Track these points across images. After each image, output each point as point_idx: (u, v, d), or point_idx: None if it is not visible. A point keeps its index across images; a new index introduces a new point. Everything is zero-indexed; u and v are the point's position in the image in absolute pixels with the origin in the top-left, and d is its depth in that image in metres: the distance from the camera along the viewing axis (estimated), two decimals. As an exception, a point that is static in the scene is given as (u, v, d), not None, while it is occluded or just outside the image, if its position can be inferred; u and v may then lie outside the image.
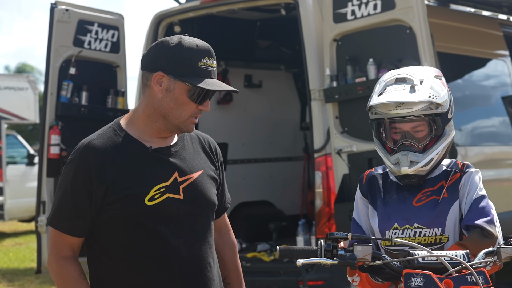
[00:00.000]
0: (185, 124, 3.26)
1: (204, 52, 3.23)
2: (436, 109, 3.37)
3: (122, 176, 3.20)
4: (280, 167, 10.16)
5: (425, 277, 2.95)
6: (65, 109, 7.84)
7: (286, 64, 10.18)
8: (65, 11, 7.83)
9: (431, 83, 3.40)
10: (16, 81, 16.74)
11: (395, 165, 3.42)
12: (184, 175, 3.30)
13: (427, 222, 3.39)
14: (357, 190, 3.63)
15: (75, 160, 3.24)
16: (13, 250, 14.29)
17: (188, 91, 3.21)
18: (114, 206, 3.20)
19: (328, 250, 3.04)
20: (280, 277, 7.66)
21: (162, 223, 3.24)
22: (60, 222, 3.24)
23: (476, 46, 8.99)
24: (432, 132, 3.40)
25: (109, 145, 3.23)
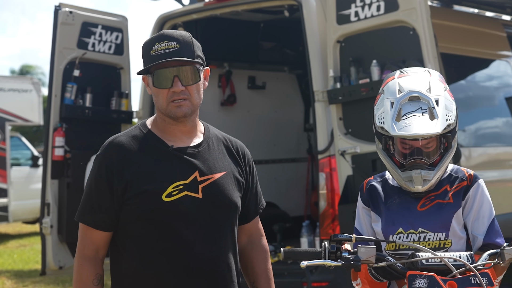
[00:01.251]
0: (168, 110, 3.37)
1: (154, 39, 3.37)
2: (449, 127, 3.34)
3: (142, 173, 3.31)
4: (284, 169, 10.16)
5: (429, 278, 2.96)
6: (69, 111, 7.86)
7: (289, 66, 10.19)
8: (69, 13, 7.85)
9: (445, 101, 3.36)
10: (20, 83, 16.74)
11: (407, 182, 3.38)
12: (204, 175, 3.37)
13: (431, 227, 3.38)
14: (358, 200, 3.61)
15: (99, 156, 3.39)
16: (17, 252, 14.30)
17: (152, 81, 3.37)
18: (132, 201, 3.31)
19: (332, 252, 3.05)
20: (285, 278, 7.65)
21: (178, 220, 3.31)
22: (85, 216, 3.38)
23: (480, 47, 8.98)
24: (441, 147, 3.38)
25: (132, 142, 3.38)
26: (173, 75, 3.32)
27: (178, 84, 3.33)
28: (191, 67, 3.35)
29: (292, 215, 9.80)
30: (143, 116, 8.33)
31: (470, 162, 7.99)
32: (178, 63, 3.33)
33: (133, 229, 3.34)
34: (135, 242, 3.34)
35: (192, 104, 3.38)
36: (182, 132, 3.43)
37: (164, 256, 3.32)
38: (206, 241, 3.35)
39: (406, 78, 3.45)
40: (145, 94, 8.35)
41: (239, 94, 9.82)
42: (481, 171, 7.96)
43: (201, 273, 3.35)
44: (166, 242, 3.32)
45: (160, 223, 3.31)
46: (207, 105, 9.22)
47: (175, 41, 3.34)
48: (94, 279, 3.34)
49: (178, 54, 3.33)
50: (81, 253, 3.38)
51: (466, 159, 7.84)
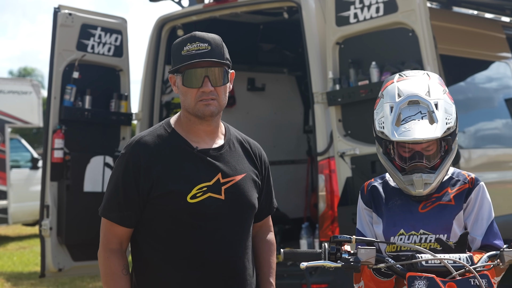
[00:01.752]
0: (196, 109, 3.43)
1: (186, 40, 3.44)
2: (449, 130, 3.34)
3: (167, 173, 3.38)
4: (283, 170, 10.15)
5: (429, 280, 2.96)
6: (69, 113, 7.85)
7: (289, 67, 10.20)
8: (68, 15, 7.85)
9: (444, 105, 3.35)
10: (19, 85, 16.74)
11: (408, 186, 3.38)
12: (227, 177, 3.45)
13: (433, 229, 3.38)
14: (359, 201, 3.61)
15: (126, 154, 3.45)
16: (17, 254, 14.30)
17: (181, 80, 3.44)
18: (157, 201, 3.38)
19: (332, 253, 3.05)
20: (284, 280, 7.64)
21: (201, 221, 3.39)
22: (111, 212, 3.44)
23: (479, 48, 8.99)
24: (441, 151, 3.38)
25: (158, 142, 3.44)
26: (204, 75, 3.39)
27: (208, 84, 3.39)
28: (220, 68, 3.42)
29: (292, 217, 9.80)
30: (142, 118, 8.33)
31: (469, 164, 8.00)
32: (209, 64, 3.40)
33: (157, 228, 3.43)
34: (158, 241, 3.42)
35: (220, 104, 3.45)
36: (205, 132, 3.50)
37: (186, 256, 3.40)
38: (228, 241, 3.44)
39: (405, 82, 3.45)
40: (144, 96, 8.36)
41: (239, 96, 9.83)
42: (480, 172, 7.97)
43: (221, 273, 3.42)
44: (189, 242, 3.40)
45: (184, 224, 3.39)
46: (206, 107, 9.20)
47: (206, 43, 3.41)
48: (123, 269, 3.43)
49: (209, 55, 3.40)
50: (106, 247, 3.45)
51: (465, 160, 7.85)
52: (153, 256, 3.43)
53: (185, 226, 3.39)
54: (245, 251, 3.50)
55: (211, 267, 3.40)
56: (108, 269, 3.43)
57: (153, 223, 3.43)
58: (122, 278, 3.42)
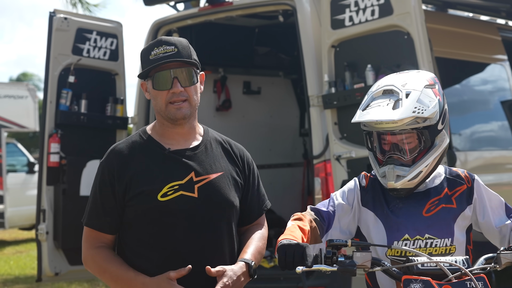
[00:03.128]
0: (168, 111, 3.48)
1: (152, 45, 3.51)
2: (423, 122, 3.31)
3: (139, 175, 3.44)
4: (279, 174, 10.14)
5: (424, 283, 2.96)
6: (65, 117, 7.85)
7: (284, 71, 10.18)
8: (64, 20, 7.85)
9: (419, 96, 3.32)
10: (15, 89, 16.74)
11: (382, 178, 3.39)
12: (200, 175, 3.48)
13: (438, 233, 3.36)
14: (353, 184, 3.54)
15: (102, 163, 3.54)
16: (14, 258, 14.28)
17: (151, 84, 3.49)
18: (131, 203, 3.43)
19: (328, 257, 3.04)
20: (281, 283, 7.66)
21: (174, 219, 3.42)
22: (91, 220, 3.50)
23: (475, 51, 9.00)
24: (421, 144, 3.35)
25: (131, 147, 3.51)
26: (173, 77, 3.45)
27: (177, 85, 3.45)
28: (189, 69, 3.48)
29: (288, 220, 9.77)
30: (138, 122, 8.32)
31: (465, 166, 7.99)
32: (176, 64, 3.46)
33: (133, 229, 3.48)
34: (136, 242, 3.47)
35: (191, 105, 3.49)
36: (180, 135, 3.54)
37: (162, 255, 3.43)
38: (202, 239, 3.45)
39: (391, 76, 3.49)
40: (140, 100, 8.34)
41: (234, 99, 9.82)
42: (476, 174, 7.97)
43: (197, 271, 3.42)
44: (163, 241, 3.43)
45: (157, 223, 3.43)
46: (202, 110, 9.17)
47: (172, 45, 3.47)
48: (114, 254, 3.49)
49: (176, 56, 3.46)
50: (90, 248, 3.48)
51: (461, 163, 7.84)
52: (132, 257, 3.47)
53: (159, 225, 3.42)
54: (223, 248, 3.50)
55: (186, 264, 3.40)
56: (99, 262, 3.45)
57: (129, 225, 3.47)
58: (116, 259, 3.46)
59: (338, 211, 3.47)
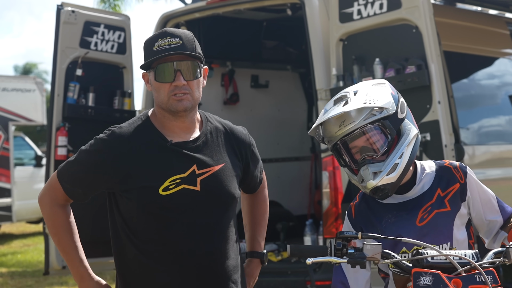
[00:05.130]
0: (169, 104, 3.43)
1: (157, 36, 3.45)
2: (380, 113, 3.27)
3: (140, 167, 3.38)
4: (287, 167, 10.14)
5: (434, 276, 2.94)
6: (72, 110, 7.85)
7: (292, 64, 10.17)
8: (72, 13, 7.84)
9: (367, 91, 3.31)
10: (23, 82, 16.75)
11: (361, 183, 3.34)
12: (202, 168, 3.44)
13: (435, 240, 3.33)
14: (346, 223, 3.53)
15: (100, 140, 3.45)
16: (21, 252, 14.32)
17: (154, 75, 3.43)
18: (130, 195, 3.38)
19: (338, 248, 3.03)
20: (288, 277, 7.65)
21: (177, 213, 3.39)
22: (64, 181, 3.46)
23: (483, 45, 8.97)
24: (388, 137, 3.31)
25: (134, 135, 3.44)
26: (176, 69, 3.40)
27: (180, 78, 3.40)
28: (193, 62, 3.43)
29: (296, 213, 9.79)
30: (146, 116, 8.30)
31: (473, 160, 7.98)
32: (180, 57, 3.41)
33: (135, 223, 3.43)
34: (137, 236, 3.42)
35: (193, 99, 3.44)
36: (180, 128, 3.50)
37: (164, 249, 3.40)
38: (205, 232, 3.43)
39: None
40: (147, 93, 8.34)
41: (242, 93, 9.81)
42: (484, 169, 7.96)
43: (200, 265, 3.42)
44: (166, 235, 3.40)
45: (159, 217, 3.39)
46: (210, 104, 9.21)
47: (177, 38, 3.41)
48: (70, 222, 3.49)
49: (181, 49, 3.40)
50: (53, 201, 3.49)
51: (469, 157, 7.82)
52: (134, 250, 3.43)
53: (160, 219, 3.39)
54: (226, 241, 3.49)
55: (191, 259, 3.40)
56: (56, 222, 3.50)
57: (131, 219, 3.43)
58: (70, 229, 3.48)
59: None
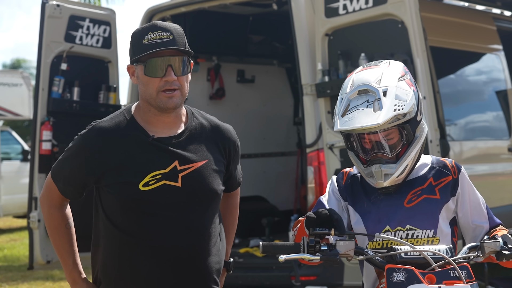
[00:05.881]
0: (159, 100, 3.39)
1: (146, 29, 3.41)
2: (404, 117, 3.25)
3: (121, 162, 3.37)
4: (273, 162, 10.13)
5: (408, 272, 2.93)
6: (57, 104, 7.82)
7: (279, 59, 10.15)
8: (56, 7, 7.80)
9: (395, 91, 3.25)
10: (10, 77, 16.69)
11: (370, 178, 3.32)
12: (184, 164, 3.41)
13: (420, 224, 3.31)
14: (331, 184, 3.51)
15: (82, 136, 3.47)
16: (8, 246, 14.26)
17: (143, 69, 3.39)
18: (111, 189, 3.38)
19: (311, 245, 3.01)
20: (273, 272, 7.64)
21: (157, 209, 3.37)
22: (58, 180, 3.51)
23: (470, 40, 8.97)
24: (403, 139, 3.29)
25: (116, 130, 3.43)
26: (167, 65, 3.36)
27: (171, 73, 3.36)
28: (183, 57, 3.40)
29: (282, 209, 9.78)
30: (131, 110, 8.28)
31: (460, 156, 7.98)
32: (172, 52, 3.37)
33: (115, 217, 3.42)
34: (117, 230, 3.41)
35: (182, 95, 3.42)
36: (165, 123, 3.47)
37: (145, 243, 3.38)
38: (186, 228, 3.40)
39: (361, 72, 3.38)
40: (133, 87, 8.31)
41: (228, 87, 9.79)
42: (471, 164, 7.96)
43: (181, 261, 3.40)
44: (146, 230, 3.38)
45: (139, 212, 3.38)
46: (196, 99, 9.18)
47: (168, 32, 3.38)
48: (66, 223, 3.55)
49: (172, 44, 3.37)
50: (50, 202, 3.55)
51: (456, 152, 7.83)
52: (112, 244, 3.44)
53: (141, 214, 3.38)
54: (208, 238, 3.47)
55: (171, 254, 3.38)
56: (52, 224, 3.55)
57: (111, 213, 3.43)
58: (66, 232, 3.53)
59: None
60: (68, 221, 3.55)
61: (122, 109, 3.55)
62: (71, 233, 3.54)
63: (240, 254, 8.04)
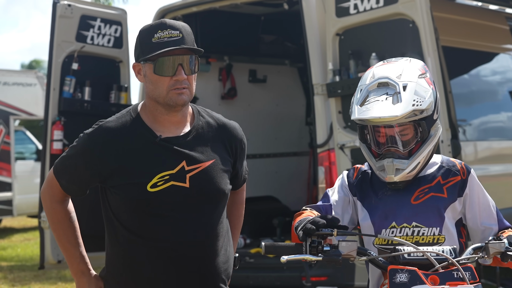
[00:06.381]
0: (168, 98, 3.36)
1: (156, 27, 3.38)
2: (421, 114, 3.26)
3: (128, 163, 3.35)
4: (285, 162, 10.11)
5: (410, 273, 2.91)
6: (68, 104, 7.83)
7: (291, 59, 10.13)
8: (68, 7, 7.81)
9: (415, 87, 3.27)
10: (24, 77, 16.73)
11: (380, 172, 3.32)
12: (192, 164, 3.39)
13: (426, 221, 3.30)
14: (342, 179, 3.52)
15: (88, 134, 3.42)
16: (21, 246, 14.30)
17: (152, 68, 3.35)
18: (119, 190, 3.35)
19: (313, 246, 2.99)
20: (284, 272, 7.63)
21: (165, 210, 3.35)
22: (61, 177, 3.47)
23: (483, 40, 8.93)
24: (418, 136, 3.29)
25: (122, 130, 3.39)
26: (178, 63, 3.34)
27: (181, 72, 3.35)
28: (193, 56, 3.39)
29: (294, 209, 9.73)
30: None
31: (473, 156, 7.96)
32: (181, 51, 3.36)
33: (124, 217, 3.40)
34: (127, 229, 3.39)
35: (191, 93, 3.41)
36: (171, 123, 3.44)
37: (152, 244, 3.37)
38: (194, 230, 3.39)
39: (382, 67, 3.40)
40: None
41: (240, 87, 9.78)
42: (485, 165, 7.93)
43: (188, 262, 3.39)
44: (154, 231, 3.36)
45: (147, 213, 3.36)
46: (207, 99, 9.18)
47: (177, 30, 3.36)
48: (70, 218, 3.51)
49: (182, 43, 3.35)
50: (52, 198, 3.51)
51: (469, 152, 7.80)
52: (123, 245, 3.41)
53: (149, 215, 3.36)
54: (216, 238, 3.46)
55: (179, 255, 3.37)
56: (55, 218, 3.52)
57: (120, 214, 3.41)
58: (70, 225, 3.51)
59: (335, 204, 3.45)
60: (71, 214, 3.51)
61: (129, 108, 3.52)
62: (75, 226, 3.51)
63: (251, 254, 8.02)
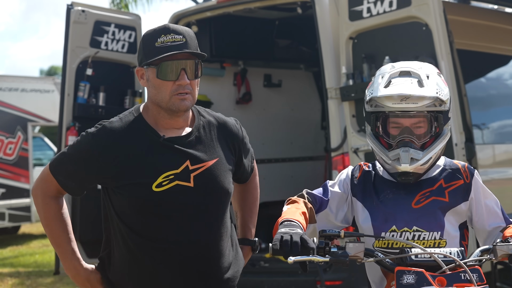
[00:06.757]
0: (171, 103, 3.37)
1: (159, 31, 3.38)
2: (440, 106, 3.25)
3: (132, 163, 3.35)
4: (301, 167, 10.10)
5: (417, 274, 2.90)
6: (82, 110, 7.85)
7: (306, 63, 10.12)
8: (82, 12, 7.84)
9: (436, 80, 3.29)
10: (42, 83, 16.82)
11: (394, 161, 3.28)
12: (196, 164, 3.40)
13: (427, 226, 3.29)
14: (346, 174, 3.50)
15: (91, 135, 3.41)
16: (39, 252, 14.36)
17: (155, 72, 3.35)
18: (123, 191, 3.35)
19: (321, 247, 2.99)
20: (298, 277, 7.61)
21: (170, 210, 3.36)
22: (58, 174, 3.45)
23: (498, 43, 8.89)
24: (432, 130, 3.29)
25: (126, 130, 3.40)
26: (181, 68, 3.35)
27: (184, 77, 3.35)
28: (196, 61, 3.40)
29: (309, 214, 9.74)
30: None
31: (489, 160, 7.92)
32: (185, 56, 3.37)
33: (128, 218, 3.40)
34: (131, 231, 3.39)
35: (193, 98, 3.42)
36: (173, 126, 3.46)
37: (157, 245, 3.38)
38: (199, 229, 3.40)
39: (401, 62, 3.42)
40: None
41: (255, 92, 9.78)
42: (502, 168, 7.90)
43: (194, 261, 3.40)
44: (159, 231, 3.38)
45: (152, 213, 3.37)
46: (222, 103, 9.19)
47: (181, 35, 3.37)
48: (63, 213, 3.51)
49: (185, 47, 3.36)
50: (45, 194, 3.49)
51: (486, 156, 7.76)
52: (126, 245, 3.41)
53: (154, 215, 3.36)
54: (220, 237, 3.47)
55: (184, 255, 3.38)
56: (47, 214, 3.51)
57: (124, 214, 3.40)
58: (63, 221, 3.50)
59: (332, 199, 3.44)
60: (64, 210, 3.51)
61: (131, 109, 3.53)
62: (67, 222, 3.51)
63: (266, 259, 8.01)
